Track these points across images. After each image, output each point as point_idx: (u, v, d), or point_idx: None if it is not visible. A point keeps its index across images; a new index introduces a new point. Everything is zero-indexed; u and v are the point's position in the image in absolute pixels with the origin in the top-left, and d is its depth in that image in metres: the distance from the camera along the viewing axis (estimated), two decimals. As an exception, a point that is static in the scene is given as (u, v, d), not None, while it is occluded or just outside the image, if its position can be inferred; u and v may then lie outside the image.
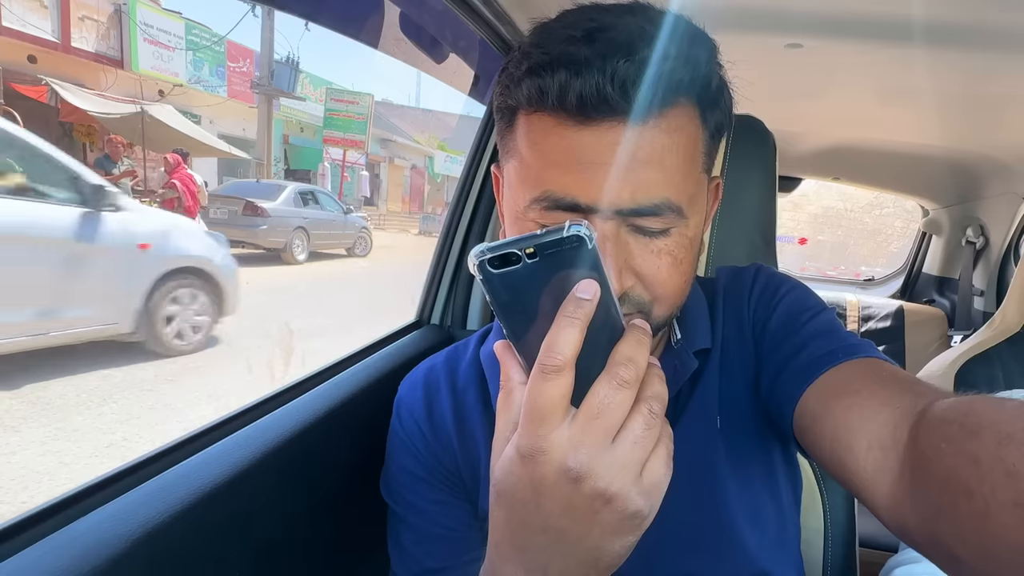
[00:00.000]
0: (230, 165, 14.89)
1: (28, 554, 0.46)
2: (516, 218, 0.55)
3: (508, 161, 0.56)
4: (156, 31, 12.10)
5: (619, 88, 0.46)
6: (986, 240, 2.26)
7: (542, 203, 0.51)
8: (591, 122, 0.48)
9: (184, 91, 12.84)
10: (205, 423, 0.68)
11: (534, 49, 0.50)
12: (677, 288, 0.54)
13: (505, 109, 0.55)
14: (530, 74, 0.50)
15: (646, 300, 0.53)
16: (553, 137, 0.50)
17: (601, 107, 0.47)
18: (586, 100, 0.47)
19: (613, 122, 0.48)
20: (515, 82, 0.52)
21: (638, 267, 0.52)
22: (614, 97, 0.46)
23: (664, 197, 0.50)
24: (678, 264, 0.53)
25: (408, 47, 1.09)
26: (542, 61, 0.49)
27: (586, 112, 0.48)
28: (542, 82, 0.48)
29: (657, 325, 0.55)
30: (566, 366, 0.36)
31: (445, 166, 25.31)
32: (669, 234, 0.52)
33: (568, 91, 0.47)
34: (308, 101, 16.82)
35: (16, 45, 9.79)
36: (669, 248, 0.52)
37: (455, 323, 1.27)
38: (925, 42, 1.03)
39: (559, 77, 0.47)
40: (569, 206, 0.50)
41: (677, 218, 0.51)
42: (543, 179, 0.51)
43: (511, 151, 0.55)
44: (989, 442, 0.33)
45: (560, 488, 0.37)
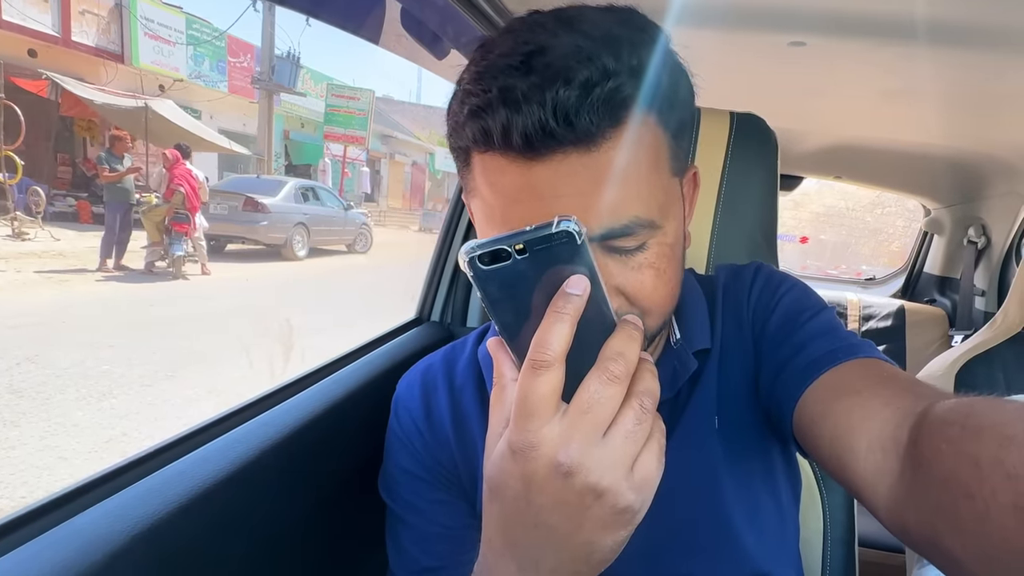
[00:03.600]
0: (230, 161, 14.88)
1: (28, 549, 0.46)
2: None
3: (472, 200, 0.55)
4: (157, 25, 12.09)
5: (563, 120, 0.44)
6: (988, 240, 2.26)
7: None
8: (542, 157, 0.46)
9: (185, 86, 12.83)
10: (204, 420, 0.68)
11: (474, 86, 0.48)
12: (664, 298, 0.54)
13: (458, 150, 0.53)
14: (472, 116, 0.48)
15: (636, 314, 0.52)
16: (509, 176, 0.48)
17: (548, 141, 0.45)
18: (531, 137, 0.45)
19: (564, 153, 0.46)
20: (460, 125, 0.50)
21: (621, 286, 0.51)
22: (558, 130, 0.45)
23: (633, 216, 0.49)
24: (661, 275, 0.52)
25: (409, 43, 1.08)
26: (481, 102, 0.47)
27: (534, 148, 0.46)
28: (484, 124, 0.47)
29: (651, 334, 0.54)
30: (556, 361, 0.36)
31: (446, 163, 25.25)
32: (647, 247, 0.51)
33: (511, 130, 0.45)
34: (309, 97, 16.83)
35: (16, 39, 9.78)
36: (649, 261, 0.51)
37: (455, 320, 1.27)
38: (928, 41, 1.03)
39: (500, 117, 0.45)
40: None
41: (651, 231, 0.50)
42: (507, 218, 0.50)
43: (472, 190, 0.54)
44: (990, 444, 0.33)
45: (551, 483, 0.37)
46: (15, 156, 8.76)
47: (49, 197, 9.93)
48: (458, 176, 0.58)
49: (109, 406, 3.50)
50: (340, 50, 72.78)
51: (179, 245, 7.59)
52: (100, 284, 7.05)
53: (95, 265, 7.51)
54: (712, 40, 1.18)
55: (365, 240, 13.05)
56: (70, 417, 3.28)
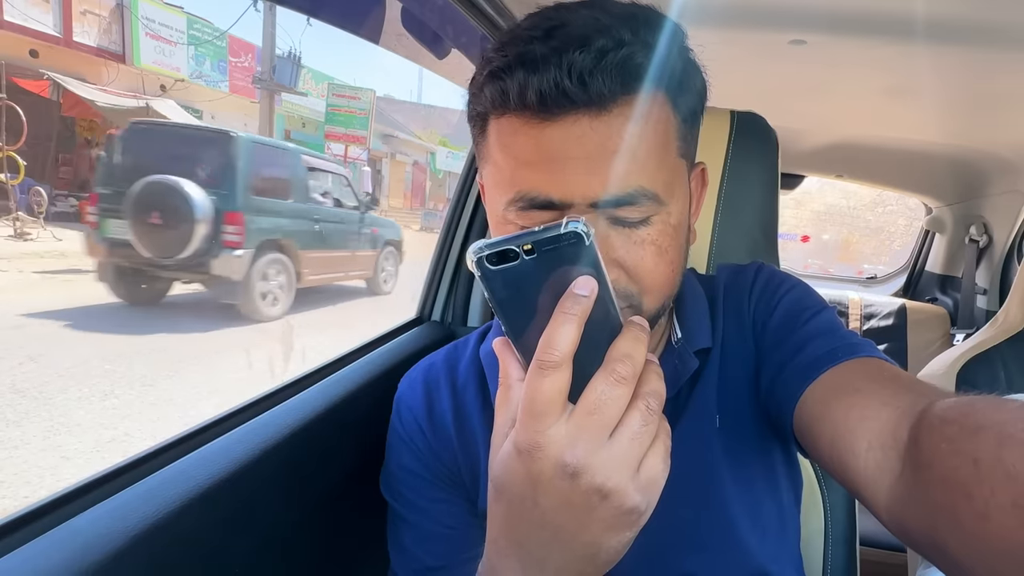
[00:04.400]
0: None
1: (29, 549, 0.46)
2: (497, 222, 0.55)
3: (484, 167, 0.57)
4: (158, 25, 12.09)
5: (577, 80, 0.46)
6: (989, 238, 2.25)
7: (517, 204, 0.51)
8: (554, 117, 0.48)
9: (186, 86, 12.84)
10: (205, 419, 0.68)
11: (495, 54, 0.51)
12: (664, 278, 0.54)
13: (476, 116, 0.56)
14: (491, 78, 0.50)
15: (634, 292, 0.53)
16: (521, 137, 0.50)
17: (561, 101, 0.47)
18: (546, 96, 0.47)
19: (577, 115, 0.48)
20: (479, 88, 0.52)
21: (621, 259, 0.52)
22: (573, 90, 0.47)
23: (637, 185, 0.50)
24: (663, 253, 0.53)
25: (410, 43, 1.08)
26: (501, 64, 0.49)
27: (548, 108, 0.48)
28: (502, 84, 0.49)
29: (650, 318, 0.54)
30: (563, 362, 0.36)
31: (447, 162, 25.27)
32: (650, 223, 0.52)
33: (527, 89, 0.47)
34: (310, 96, 16.81)
35: (18, 39, 9.79)
36: (652, 237, 0.52)
37: (456, 320, 1.27)
38: (929, 39, 1.03)
39: (517, 77, 0.48)
40: (543, 204, 0.50)
41: (655, 205, 0.52)
42: (516, 180, 0.51)
43: (486, 157, 0.56)
44: (989, 443, 0.33)
45: (557, 483, 0.37)
46: (17, 156, 8.77)
47: (51, 197, 9.94)
48: (474, 147, 0.59)
49: (111, 405, 3.51)
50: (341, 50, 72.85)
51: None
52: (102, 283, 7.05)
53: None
54: (713, 38, 1.18)
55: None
56: (72, 416, 3.29)
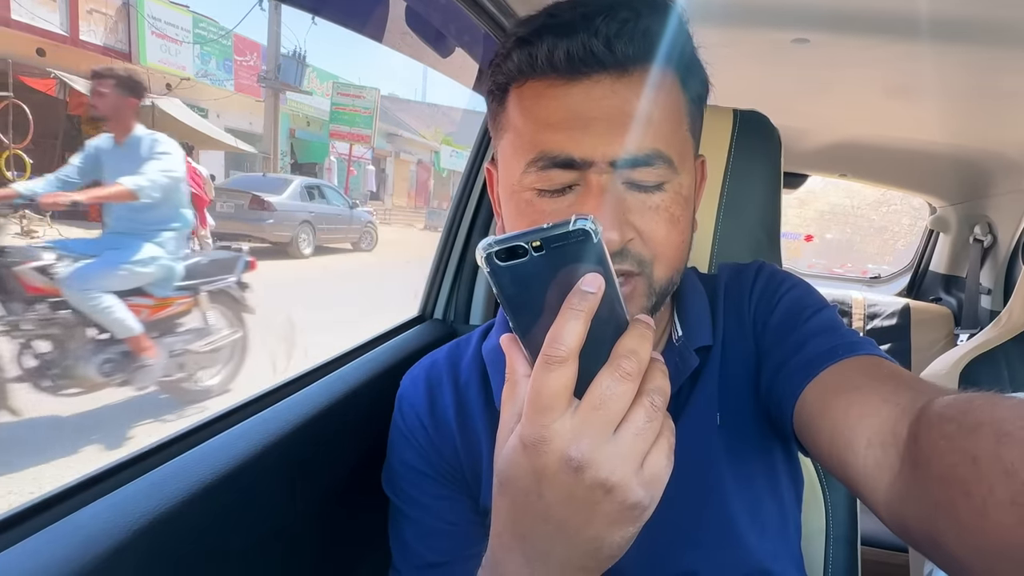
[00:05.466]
0: (237, 159, 14.92)
1: (32, 543, 0.46)
2: (512, 193, 0.57)
3: (501, 139, 0.59)
4: (164, 24, 12.11)
5: (604, 42, 0.50)
6: (994, 238, 2.24)
7: (538, 164, 0.54)
8: (580, 77, 0.52)
9: (191, 85, 12.85)
10: (207, 416, 0.69)
11: (521, 27, 0.55)
12: (675, 247, 0.56)
13: (496, 89, 0.58)
14: (519, 45, 0.54)
15: (647, 257, 0.54)
16: (544, 99, 0.53)
17: (588, 60, 0.51)
18: (573, 56, 0.50)
19: (601, 76, 0.51)
20: (505, 58, 0.55)
21: (636, 223, 0.54)
22: (601, 50, 0.50)
23: (655, 148, 0.53)
24: (675, 222, 0.55)
25: (413, 41, 1.08)
26: (529, 32, 0.53)
27: (575, 68, 0.51)
28: (531, 49, 0.52)
29: (660, 288, 0.56)
30: (569, 357, 0.36)
31: (451, 161, 25.29)
32: (664, 189, 0.55)
33: (556, 51, 0.51)
34: (315, 95, 16.83)
35: (25, 38, 9.83)
36: (666, 204, 0.54)
37: (458, 318, 1.28)
38: (932, 37, 1.02)
39: (547, 42, 0.51)
40: (564, 162, 0.53)
41: (670, 171, 0.54)
42: (537, 141, 0.54)
43: (504, 127, 0.58)
44: (988, 440, 0.33)
45: (561, 477, 0.37)
46: (24, 155, 8.80)
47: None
48: (490, 124, 0.62)
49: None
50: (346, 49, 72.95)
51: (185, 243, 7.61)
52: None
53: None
54: (715, 37, 1.18)
55: (370, 238, 13.05)
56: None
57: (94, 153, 2.95)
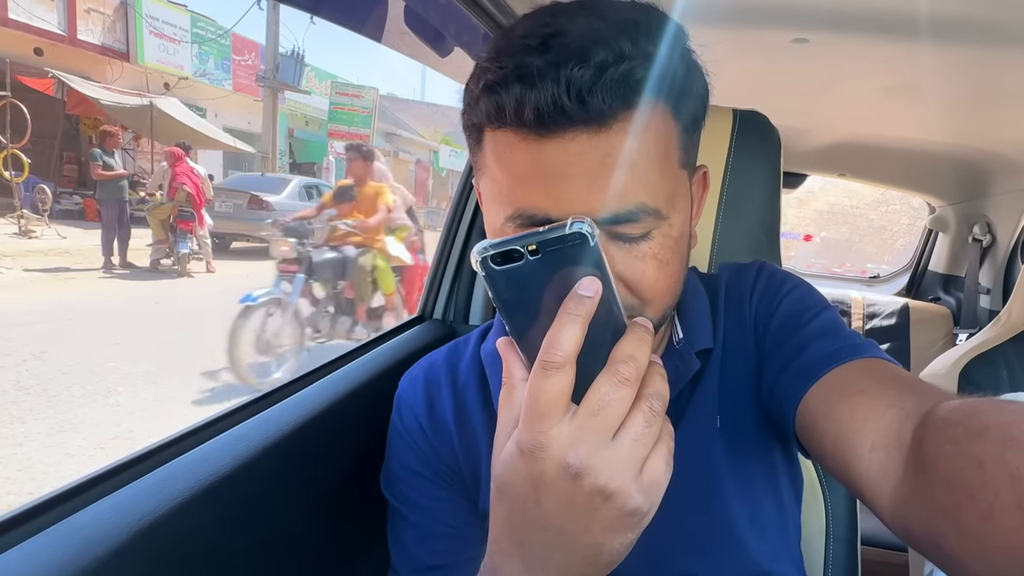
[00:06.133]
0: (235, 158, 14.92)
1: (32, 544, 0.46)
2: (494, 234, 0.54)
3: (481, 178, 0.55)
4: (162, 24, 12.11)
5: (576, 97, 0.45)
6: (993, 238, 2.24)
7: (516, 221, 0.50)
8: (552, 134, 0.47)
9: (189, 84, 12.86)
10: (206, 417, 0.68)
11: (491, 63, 0.49)
12: (666, 290, 0.53)
13: (471, 127, 0.54)
14: (487, 91, 0.48)
15: (635, 304, 0.52)
16: (518, 153, 0.49)
17: (560, 118, 0.45)
18: (543, 113, 0.45)
19: (575, 132, 0.46)
20: (475, 100, 0.50)
21: (623, 274, 0.50)
22: (571, 107, 0.45)
23: (639, 202, 0.49)
24: (664, 266, 0.52)
25: (412, 41, 1.08)
26: (498, 77, 0.47)
27: (545, 125, 0.46)
28: (498, 99, 0.47)
29: (654, 326, 0.54)
30: (567, 362, 0.36)
31: (450, 160, 25.29)
32: (652, 237, 0.51)
33: (524, 106, 0.46)
34: (313, 95, 16.82)
35: (22, 38, 9.82)
36: (653, 251, 0.51)
37: (457, 318, 1.27)
38: (932, 37, 1.02)
39: (514, 92, 0.46)
40: (542, 222, 0.48)
41: (657, 220, 0.50)
42: (514, 197, 0.50)
43: (482, 168, 0.54)
44: (994, 445, 0.33)
45: (560, 484, 0.37)
46: (21, 154, 8.79)
47: (55, 195, 9.97)
48: (469, 156, 0.58)
49: (115, 402, 3.52)
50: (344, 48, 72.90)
51: (184, 243, 7.62)
52: (105, 281, 7.08)
53: (101, 263, 7.54)
54: (715, 37, 1.18)
55: (369, 238, 13.05)
56: (76, 414, 3.30)
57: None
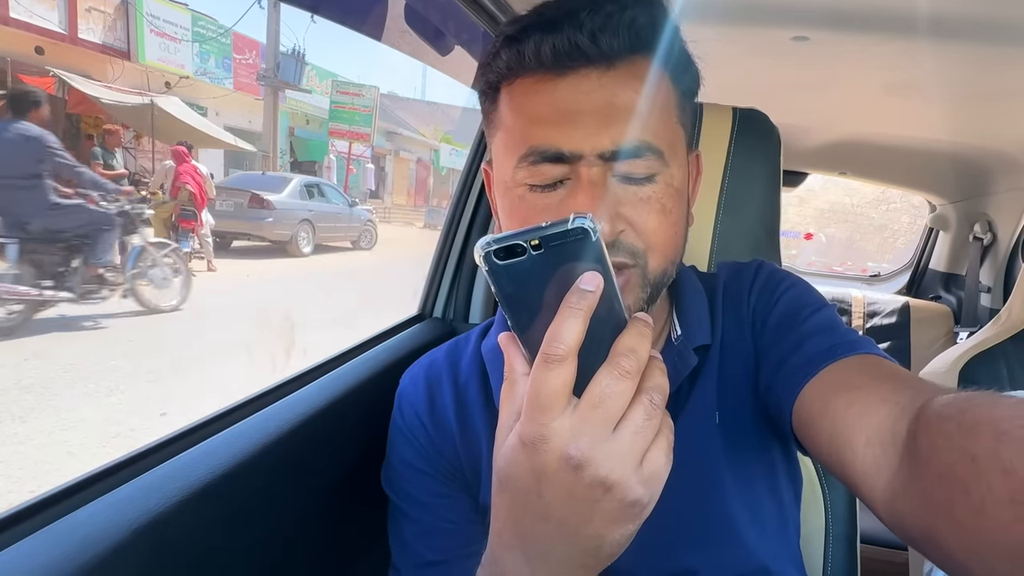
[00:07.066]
0: (236, 157, 14.91)
1: (30, 542, 0.46)
2: (506, 190, 0.58)
3: (494, 137, 0.60)
4: (162, 23, 12.10)
5: (589, 36, 0.51)
6: (994, 236, 2.24)
7: (529, 159, 0.54)
8: (568, 72, 0.52)
9: (190, 83, 12.84)
10: (206, 415, 0.68)
11: (510, 26, 0.56)
12: (668, 238, 0.56)
13: (487, 89, 0.60)
14: (507, 44, 0.55)
15: (639, 248, 0.55)
16: (533, 95, 0.54)
17: (575, 54, 0.51)
18: (560, 51, 0.51)
19: (588, 70, 0.52)
20: (494, 56, 0.56)
21: (628, 215, 0.54)
22: (586, 43, 0.51)
23: (642, 139, 0.53)
24: (667, 213, 0.56)
25: (413, 40, 1.08)
26: (516, 31, 0.54)
27: (562, 63, 0.52)
28: (519, 46, 0.54)
29: (654, 280, 0.56)
30: (568, 356, 0.36)
31: (450, 159, 25.29)
32: (655, 181, 0.55)
33: (543, 46, 0.52)
34: (314, 93, 16.81)
35: (23, 36, 9.81)
36: (657, 195, 0.55)
37: (457, 316, 1.28)
38: (932, 35, 1.02)
39: (534, 39, 0.52)
40: (554, 156, 0.53)
41: (659, 163, 0.54)
42: (528, 136, 0.54)
43: (496, 126, 0.59)
44: (986, 439, 0.33)
45: (561, 476, 0.37)
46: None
47: (56, 194, 9.96)
48: (483, 122, 0.63)
49: (117, 401, 3.52)
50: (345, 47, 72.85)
51: (185, 242, 7.63)
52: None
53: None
54: (715, 35, 1.18)
55: (370, 236, 13.08)
56: (78, 412, 3.30)
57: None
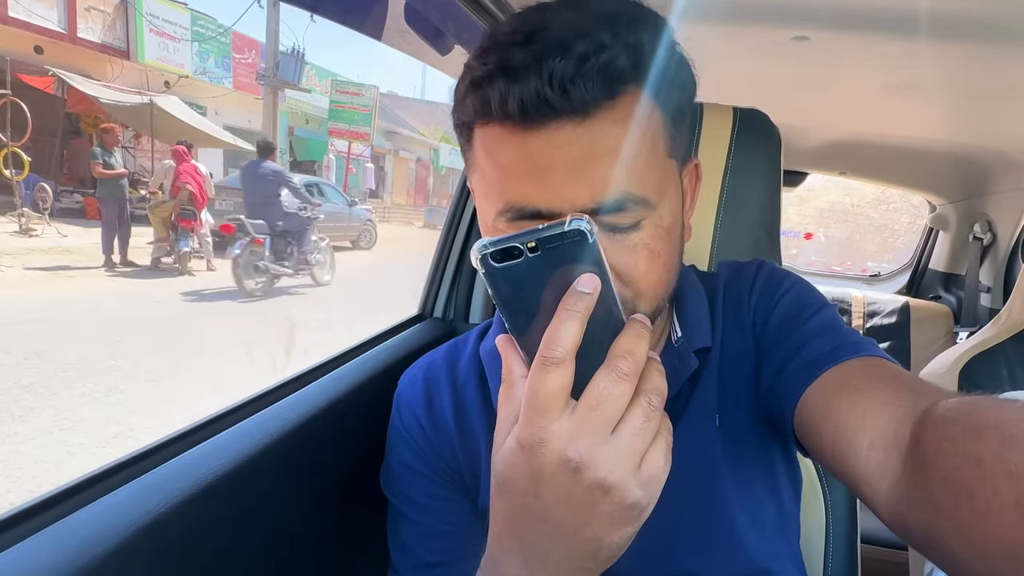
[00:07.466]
0: (235, 157, 14.89)
1: (30, 543, 0.46)
2: (488, 230, 0.55)
3: (472, 174, 0.57)
4: (162, 22, 12.10)
5: (558, 88, 0.46)
6: (994, 236, 2.24)
7: (506, 215, 0.51)
8: (537, 126, 0.48)
9: (190, 82, 12.84)
10: (206, 416, 0.68)
11: (476, 61, 0.51)
12: (658, 281, 0.54)
13: (461, 125, 0.55)
14: (473, 88, 0.50)
15: (628, 296, 0.52)
16: (506, 146, 0.50)
17: (543, 109, 0.47)
18: (527, 105, 0.46)
19: (559, 123, 0.47)
20: (463, 97, 0.52)
21: (614, 264, 0.50)
22: (554, 98, 0.46)
23: (625, 191, 0.49)
24: (655, 257, 0.52)
25: (412, 39, 1.08)
26: (482, 73, 0.49)
27: (530, 117, 0.47)
28: (484, 94, 0.49)
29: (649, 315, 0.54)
30: (566, 358, 0.36)
31: (450, 159, 25.29)
32: (641, 227, 0.51)
33: (508, 98, 0.47)
34: (313, 93, 16.79)
35: (23, 36, 9.81)
36: (644, 241, 0.51)
37: (457, 316, 1.28)
38: (932, 35, 1.02)
39: (498, 86, 0.47)
40: (532, 214, 0.50)
41: (645, 209, 0.51)
42: (504, 190, 0.51)
43: (473, 165, 0.56)
44: (992, 443, 0.33)
45: (559, 478, 0.37)
46: (22, 152, 8.79)
47: (56, 193, 9.97)
48: (462, 155, 0.59)
49: (116, 401, 3.52)
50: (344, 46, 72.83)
51: (185, 241, 7.63)
52: (107, 280, 7.09)
53: (101, 261, 7.55)
54: (715, 35, 1.18)
55: (369, 236, 13.09)
56: (77, 412, 3.30)
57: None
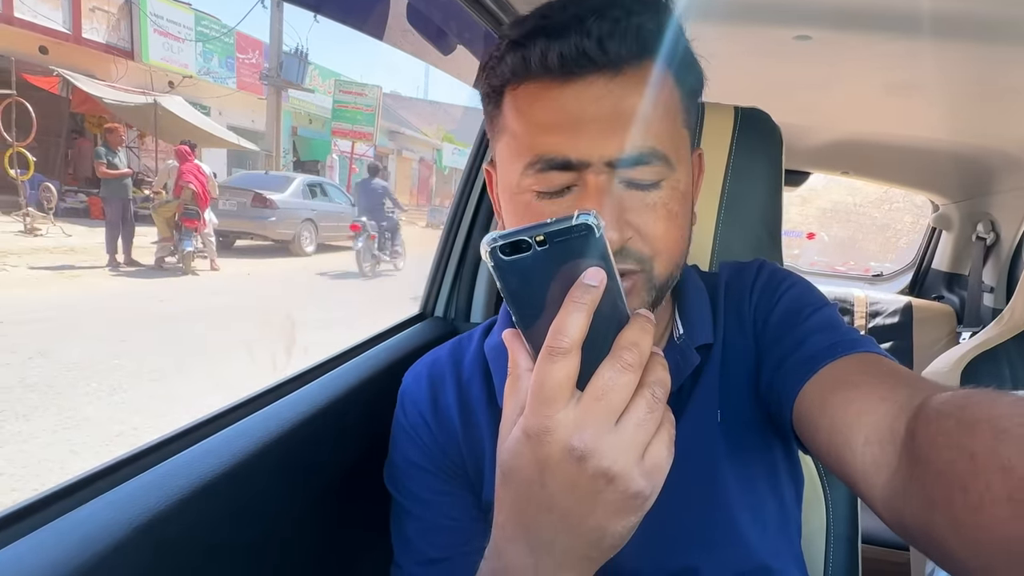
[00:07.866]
0: (239, 157, 14.94)
1: (30, 540, 0.46)
2: (512, 195, 0.57)
3: (499, 141, 0.60)
4: (166, 22, 12.13)
5: (596, 43, 0.50)
6: (997, 236, 2.24)
7: (535, 166, 0.54)
8: (574, 78, 0.52)
9: (194, 82, 12.87)
10: (207, 413, 0.69)
11: (514, 28, 0.56)
12: (674, 242, 0.57)
13: (491, 92, 0.59)
14: (512, 48, 0.54)
15: (646, 255, 0.55)
16: (539, 101, 0.54)
17: (581, 61, 0.51)
18: (567, 58, 0.51)
19: (594, 76, 0.52)
20: (499, 60, 0.56)
21: (635, 221, 0.54)
22: (593, 50, 0.50)
23: (651, 146, 0.53)
24: (673, 217, 0.56)
25: (415, 39, 1.09)
26: (522, 34, 0.54)
27: (568, 69, 0.51)
28: (524, 52, 0.53)
29: (660, 284, 0.56)
30: (572, 349, 0.37)
31: (453, 159, 25.31)
32: (661, 187, 0.55)
33: (549, 53, 0.51)
34: (317, 93, 16.82)
35: (28, 36, 9.84)
36: (663, 200, 0.55)
37: (459, 316, 1.28)
38: (935, 34, 1.02)
39: (540, 45, 0.52)
40: (561, 164, 0.53)
41: (666, 168, 0.54)
42: (534, 144, 0.54)
43: (500, 130, 0.59)
44: (985, 436, 0.33)
45: (564, 467, 0.38)
46: (27, 152, 8.83)
47: (61, 193, 10.00)
48: (485, 125, 0.63)
49: (120, 400, 3.53)
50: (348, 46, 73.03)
51: (189, 241, 7.65)
52: (111, 279, 7.12)
53: (105, 261, 7.57)
54: (717, 34, 1.18)
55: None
56: (81, 411, 3.31)
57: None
